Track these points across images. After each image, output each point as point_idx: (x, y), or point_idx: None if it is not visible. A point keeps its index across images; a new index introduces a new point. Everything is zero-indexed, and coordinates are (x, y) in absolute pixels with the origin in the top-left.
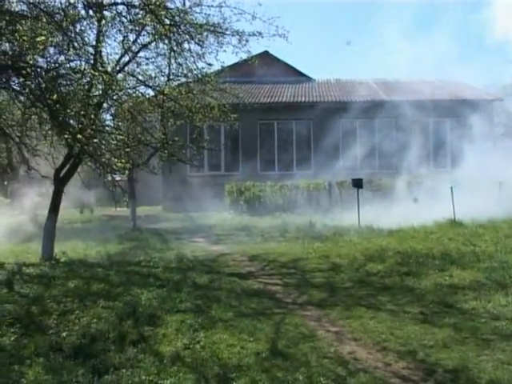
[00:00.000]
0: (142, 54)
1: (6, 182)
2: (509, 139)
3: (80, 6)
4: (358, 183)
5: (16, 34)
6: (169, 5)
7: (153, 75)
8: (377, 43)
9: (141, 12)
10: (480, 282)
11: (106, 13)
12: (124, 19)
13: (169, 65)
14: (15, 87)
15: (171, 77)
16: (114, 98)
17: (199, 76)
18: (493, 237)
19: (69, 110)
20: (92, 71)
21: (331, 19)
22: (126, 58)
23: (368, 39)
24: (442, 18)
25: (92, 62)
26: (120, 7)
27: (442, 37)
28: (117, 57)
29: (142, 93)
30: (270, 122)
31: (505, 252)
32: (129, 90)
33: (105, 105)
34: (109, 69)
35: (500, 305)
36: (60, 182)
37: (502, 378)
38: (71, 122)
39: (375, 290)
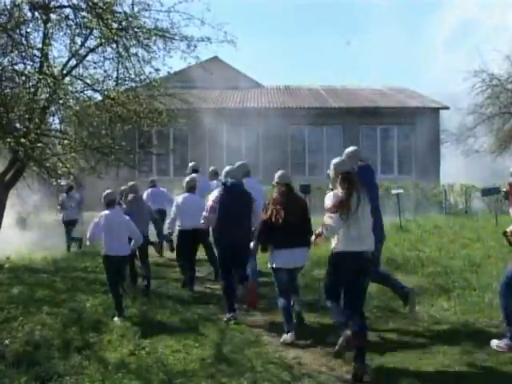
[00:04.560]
0: (89, 57)
1: None
2: (453, 146)
3: (26, 7)
4: (305, 189)
5: None
6: (116, 9)
7: (100, 79)
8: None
9: (88, 15)
10: (423, 287)
11: (52, 15)
12: (71, 22)
13: (117, 69)
14: None
15: (119, 81)
16: (61, 101)
17: (147, 81)
18: (437, 242)
19: (13, 114)
20: (38, 74)
21: (281, 26)
22: (74, 62)
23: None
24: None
25: (38, 65)
26: (67, 10)
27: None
28: (64, 60)
29: (89, 97)
30: (219, 128)
31: (448, 257)
32: (76, 94)
33: (51, 108)
34: (56, 72)
35: (442, 309)
36: (5, 187)
37: (443, 381)
38: (17, 125)
39: (320, 295)
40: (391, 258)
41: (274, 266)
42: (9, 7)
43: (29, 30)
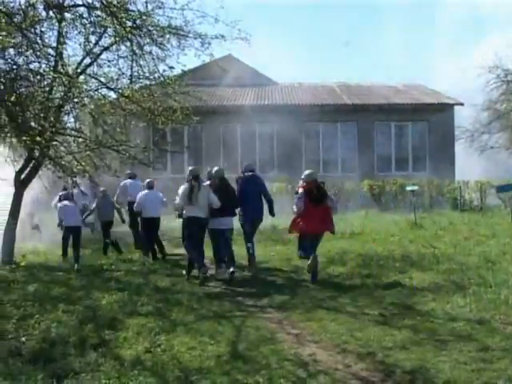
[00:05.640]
0: (103, 56)
1: None
2: (468, 143)
3: (40, 7)
4: None
5: None
6: (130, 7)
7: (115, 77)
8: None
9: (102, 14)
10: (439, 284)
11: (66, 14)
12: (85, 21)
13: (131, 67)
14: None
15: (133, 79)
16: (75, 100)
17: (161, 79)
18: (452, 239)
19: (28, 112)
20: (52, 73)
21: (294, 23)
22: (88, 60)
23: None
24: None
25: (53, 63)
26: (81, 9)
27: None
28: (78, 59)
29: (103, 95)
30: (234, 125)
31: (463, 254)
32: (90, 93)
33: (66, 107)
34: (70, 71)
35: (458, 306)
36: (20, 186)
37: (459, 378)
38: (32, 124)
39: (336, 292)
40: (406, 254)
41: (210, 227)
42: (23, 7)
43: (43, 29)
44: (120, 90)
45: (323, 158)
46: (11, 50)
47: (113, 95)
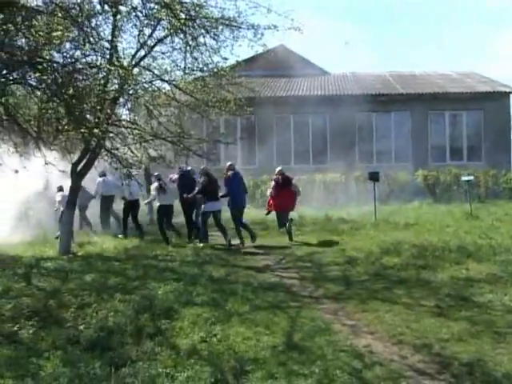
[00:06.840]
0: (157, 48)
1: None
2: None
3: (95, 0)
4: (374, 176)
5: (32, 30)
6: None
7: (168, 69)
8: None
9: (156, 6)
10: (496, 275)
11: (121, 7)
12: (139, 13)
13: (184, 59)
14: (32, 82)
15: (187, 71)
16: (130, 92)
17: (215, 70)
18: (509, 230)
19: (85, 105)
20: (108, 66)
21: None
22: (142, 53)
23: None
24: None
25: (108, 56)
26: (135, 1)
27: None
28: (132, 51)
29: (157, 87)
30: (287, 116)
31: None
32: (145, 85)
33: (121, 99)
34: (125, 63)
35: None
36: (77, 177)
37: None
38: (88, 116)
39: (391, 283)
40: (462, 245)
41: (205, 210)
42: (79, 1)
43: (99, 22)
44: (174, 82)
45: (376, 148)
46: (67, 44)
47: (167, 87)
